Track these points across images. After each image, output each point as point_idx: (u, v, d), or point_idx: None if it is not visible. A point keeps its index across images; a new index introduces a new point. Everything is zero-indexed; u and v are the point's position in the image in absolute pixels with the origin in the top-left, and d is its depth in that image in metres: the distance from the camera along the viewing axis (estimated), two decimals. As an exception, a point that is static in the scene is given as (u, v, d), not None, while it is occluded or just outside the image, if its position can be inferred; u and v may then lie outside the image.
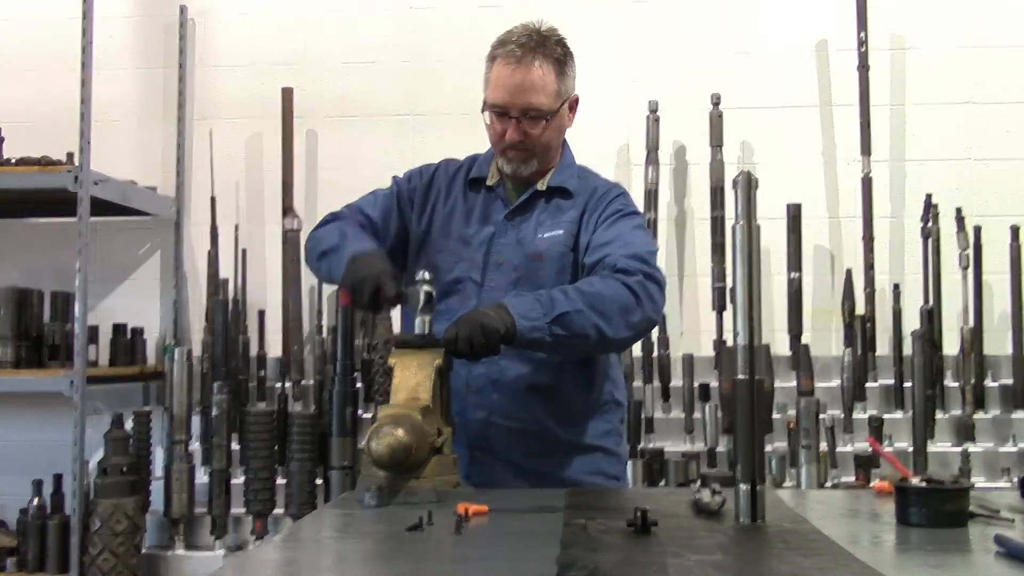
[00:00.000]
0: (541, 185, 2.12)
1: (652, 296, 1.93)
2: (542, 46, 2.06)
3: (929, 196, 3.43)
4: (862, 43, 3.51)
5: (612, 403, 2.15)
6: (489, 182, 2.15)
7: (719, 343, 3.38)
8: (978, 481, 3.18)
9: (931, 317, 3.35)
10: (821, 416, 3.09)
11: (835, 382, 3.37)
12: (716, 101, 3.44)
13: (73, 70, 3.17)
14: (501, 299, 1.94)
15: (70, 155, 3.16)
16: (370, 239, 2.08)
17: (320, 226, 2.19)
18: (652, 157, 3.48)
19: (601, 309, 1.87)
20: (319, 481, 3.12)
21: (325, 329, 3.51)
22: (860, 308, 3.42)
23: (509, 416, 2.03)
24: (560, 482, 2.00)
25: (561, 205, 2.11)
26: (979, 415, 3.33)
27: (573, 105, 2.14)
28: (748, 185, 1.54)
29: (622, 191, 2.16)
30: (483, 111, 2.08)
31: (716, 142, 3.46)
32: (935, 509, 1.48)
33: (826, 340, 3.52)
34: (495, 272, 2.08)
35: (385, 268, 1.91)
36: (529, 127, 2.04)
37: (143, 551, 3.12)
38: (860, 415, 3.35)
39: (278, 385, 3.51)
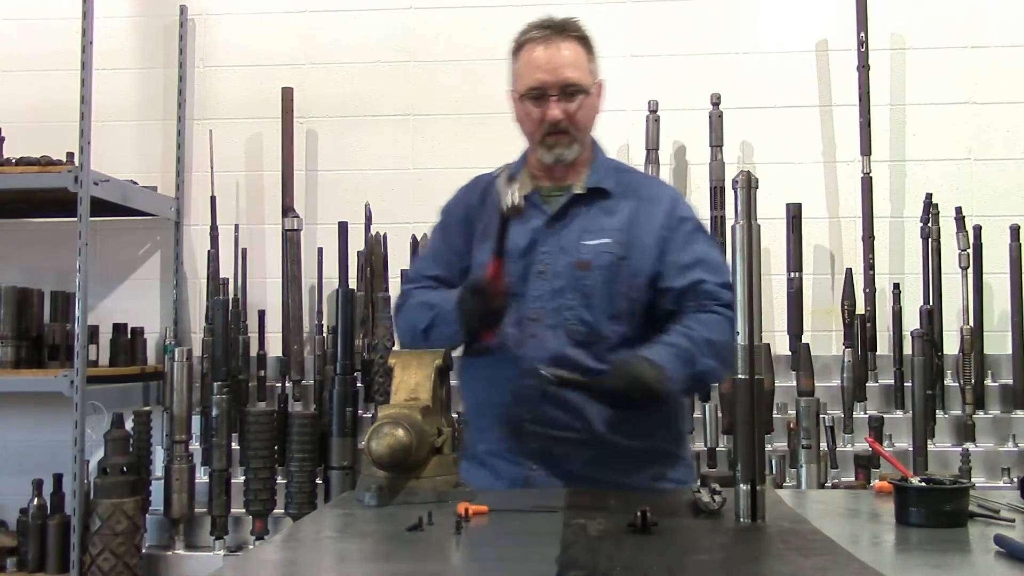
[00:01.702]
0: (579, 188, 2.08)
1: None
2: (565, 29, 2.07)
3: (929, 196, 3.43)
4: (862, 43, 3.51)
5: (674, 405, 2.08)
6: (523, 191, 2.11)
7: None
8: (978, 481, 3.18)
9: (931, 317, 3.35)
10: (821, 416, 3.09)
11: (835, 382, 3.37)
12: (716, 101, 3.44)
13: (73, 70, 3.17)
14: (543, 309, 1.98)
15: (70, 155, 3.15)
16: (448, 291, 2.06)
17: (398, 312, 2.18)
18: (652, 157, 3.48)
19: (725, 356, 1.89)
20: (319, 481, 3.13)
21: (325, 329, 3.51)
22: (860, 308, 3.42)
23: (567, 427, 1.97)
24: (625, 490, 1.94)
25: (604, 208, 2.07)
26: (979, 415, 3.33)
27: (600, 89, 2.13)
28: (748, 185, 1.54)
29: (676, 193, 2.15)
30: (519, 99, 2.07)
31: (716, 142, 3.46)
32: (935, 509, 1.48)
33: (826, 340, 3.52)
34: (537, 281, 2.02)
35: (480, 295, 1.91)
36: (568, 104, 2.02)
37: (143, 551, 3.12)
38: (860, 415, 3.34)
39: (278, 385, 3.51)
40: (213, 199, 3.63)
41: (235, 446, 3.25)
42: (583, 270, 2.01)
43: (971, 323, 3.37)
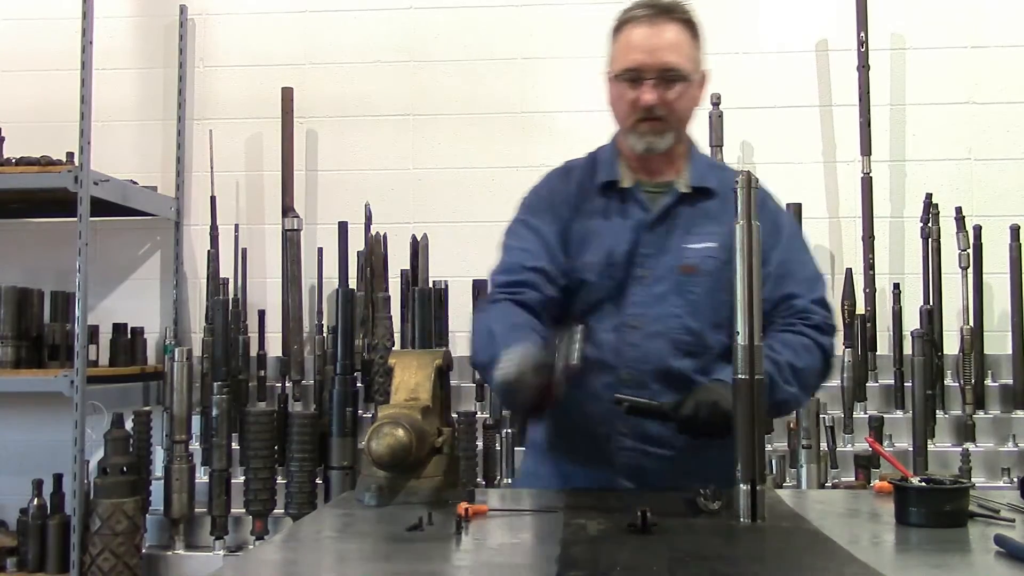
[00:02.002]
0: (684, 187, 1.95)
1: (832, 356, 1.93)
2: (671, 10, 1.92)
3: (929, 196, 3.43)
4: (862, 43, 3.51)
5: None
6: (624, 184, 1.97)
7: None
8: (978, 481, 3.18)
9: (931, 317, 3.35)
10: (821, 416, 3.09)
11: (835, 382, 3.36)
12: (716, 101, 3.44)
13: (73, 70, 3.17)
14: (644, 316, 1.86)
15: (70, 155, 3.15)
16: (518, 327, 1.80)
17: (477, 316, 1.96)
18: (652, 157, 3.48)
19: (805, 384, 1.84)
20: (319, 481, 3.12)
21: (325, 329, 3.51)
22: (860, 308, 3.42)
23: (665, 444, 1.85)
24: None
25: (707, 209, 1.94)
26: (979, 415, 3.33)
27: (703, 80, 1.98)
28: (748, 185, 1.54)
29: (768, 195, 1.99)
30: (611, 80, 1.94)
31: (716, 142, 3.46)
32: (935, 509, 1.48)
33: (826, 340, 3.52)
34: (638, 287, 1.90)
35: (529, 377, 1.62)
36: (665, 90, 1.88)
37: (143, 551, 3.11)
38: (860, 415, 3.34)
39: (278, 385, 3.51)
40: (213, 199, 3.63)
41: (235, 446, 3.25)
42: (688, 274, 1.89)
43: (971, 323, 3.37)
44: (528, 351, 1.63)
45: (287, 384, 3.50)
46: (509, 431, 3.16)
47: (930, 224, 3.40)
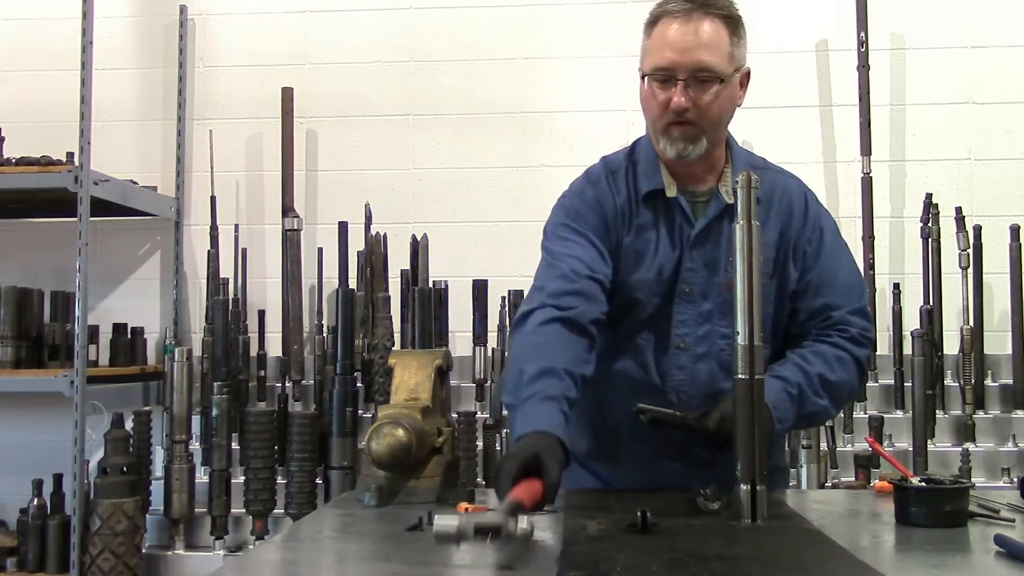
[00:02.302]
0: (728, 196, 1.83)
1: (867, 367, 1.89)
2: (708, 4, 1.78)
3: (929, 196, 3.43)
4: (862, 43, 3.51)
5: None
6: (669, 193, 1.85)
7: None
8: (978, 481, 3.18)
9: (931, 317, 3.35)
10: (821, 416, 3.08)
11: (835, 382, 3.37)
12: (716, 101, 3.43)
13: (73, 70, 3.17)
14: (692, 336, 1.79)
15: (70, 155, 3.15)
16: (544, 387, 1.63)
17: (515, 331, 1.79)
18: (652, 157, 3.47)
19: (837, 397, 1.80)
20: (319, 481, 3.12)
21: (325, 329, 3.51)
22: (860, 308, 3.42)
23: (709, 465, 1.75)
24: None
25: None
26: (979, 415, 3.33)
27: (745, 78, 1.87)
28: (748, 185, 1.54)
29: (808, 193, 1.93)
30: (642, 79, 1.81)
31: (716, 142, 3.45)
32: (935, 509, 1.48)
33: (826, 340, 3.52)
34: (683, 304, 1.82)
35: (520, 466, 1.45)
36: (698, 92, 1.76)
37: (143, 551, 3.12)
38: (860, 415, 3.34)
39: (278, 385, 3.51)
40: (213, 199, 3.63)
41: (235, 446, 3.25)
42: (731, 293, 1.73)
43: (971, 323, 3.37)
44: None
45: (287, 384, 3.50)
46: (509, 431, 3.16)
47: (930, 224, 3.40)
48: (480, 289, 3.40)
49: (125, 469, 3.04)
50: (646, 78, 1.81)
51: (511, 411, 1.68)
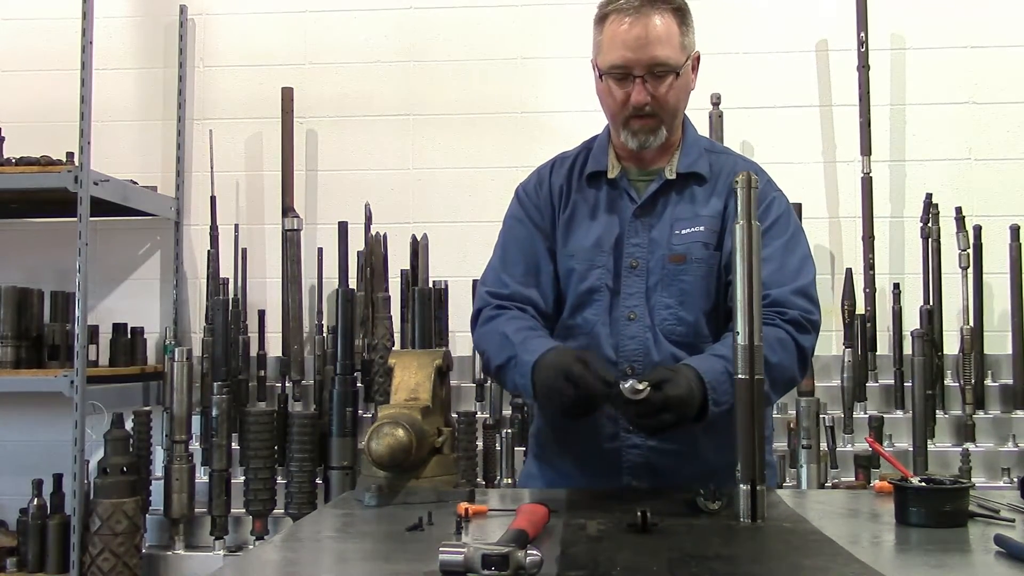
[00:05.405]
0: (669, 173, 1.90)
1: (810, 357, 1.84)
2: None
3: (929, 196, 3.43)
4: (862, 43, 3.51)
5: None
6: (610, 175, 1.93)
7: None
8: (978, 481, 3.18)
9: (931, 317, 3.35)
10: (821, 416, 3.08)
11: (835, 382, 3.37)
12: (716, 101, 3.44)
13: (73, 70, 3.17)
14: (639, 307, 1.84)
15: (70, 155, 3.15)
16: (532, 329, 1.84)
17: (476, 326, 1.95)
18: (652, 157, 3.48)
19: (776, 380, 1.74)
20: (319, 481, 3.13)
21: (325, 329, 3.51)
22: (860, 308, 3.42)
23: (670, 439, 1.78)
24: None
25: (696, 194, 1.90)
26: (979, 415, 3.33)
27: (696, 62, 1.92)
28: (748, 185, 1.54)
29: (767, 179, 1.93)
30: (599, 79, 1.87)
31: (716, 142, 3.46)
32: (935, 509, 1.48)
33: (826, 340, 3.52)
34: (630, 277, 1.87)
35: (571, 366, 1.63)
36: (655, 86, 1.82)
37: (143, 551, 3.12)
38: (860, 415, 3.34)
39: (278, 385, 3.51)
40: (213, 199, 3.63)
41: (235, 446, 3.25)
42: (677, 263, 1.85)
43: (971, 323, 3.37)
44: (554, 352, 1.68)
45: (287, 384, 3.50)
46: (509, 431, 3.16)
47: (930, 224, 3.40)
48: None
49: (125, 469, 3.04)
50: (602, 75, 1.86)
51: (507, 368, 1.78)
